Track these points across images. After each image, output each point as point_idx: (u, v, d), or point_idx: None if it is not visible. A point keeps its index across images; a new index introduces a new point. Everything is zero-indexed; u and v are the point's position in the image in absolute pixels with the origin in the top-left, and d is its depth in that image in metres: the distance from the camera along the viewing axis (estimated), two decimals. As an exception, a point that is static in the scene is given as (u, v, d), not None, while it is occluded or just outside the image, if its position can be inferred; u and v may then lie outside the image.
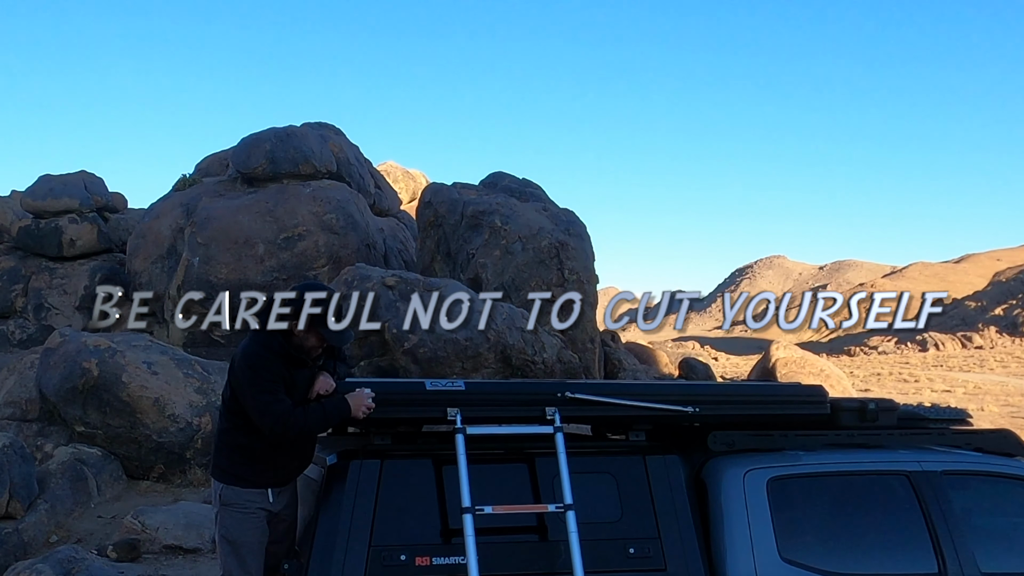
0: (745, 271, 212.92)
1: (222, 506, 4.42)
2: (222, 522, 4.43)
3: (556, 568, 3.89)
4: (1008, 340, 71.34)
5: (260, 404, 4.17)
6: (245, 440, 4.34)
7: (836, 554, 4.17)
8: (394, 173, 26.48)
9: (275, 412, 4.15)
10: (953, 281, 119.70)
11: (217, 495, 4.46)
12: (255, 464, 4.36)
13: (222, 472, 4.43)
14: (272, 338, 4.31)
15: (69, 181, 19.07)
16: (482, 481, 3.90)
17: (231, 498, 4.39)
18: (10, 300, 18.15)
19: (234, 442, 4.39)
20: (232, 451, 4.41)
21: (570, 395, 4.15)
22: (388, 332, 12.71)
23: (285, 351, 4.30)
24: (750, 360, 47.37)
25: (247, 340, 4.41)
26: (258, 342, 4.33)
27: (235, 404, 4.35)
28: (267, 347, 4.28)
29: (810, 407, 4.58)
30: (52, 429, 11.93)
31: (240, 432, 4.35)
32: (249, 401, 4.22)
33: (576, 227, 16.24)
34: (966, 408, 25.43)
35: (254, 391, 4.20)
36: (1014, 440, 4.74)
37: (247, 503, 4.38)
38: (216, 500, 4.47)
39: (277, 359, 4.26)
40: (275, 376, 4.21)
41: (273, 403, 4.16)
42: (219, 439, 4.54)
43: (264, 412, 4.17)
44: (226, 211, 16.53)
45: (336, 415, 4.11)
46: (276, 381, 4.21)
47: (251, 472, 4.37)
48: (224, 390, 4.49)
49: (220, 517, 4.44)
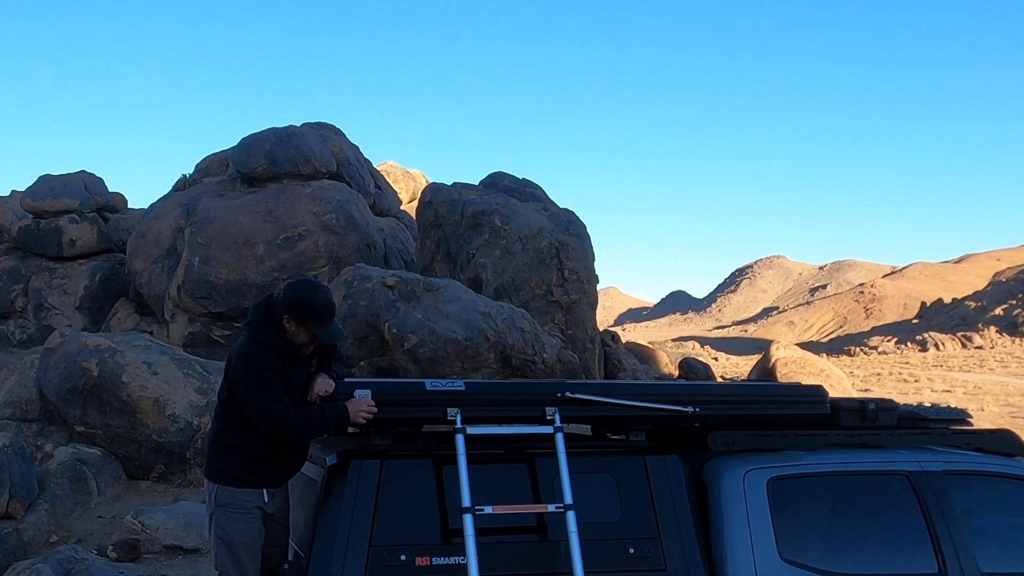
0: (745, 271, 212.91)
1: (218, 507, 4.37)
2: (218, 523, 4.37)
3: (556, 568, 3.89)
4: (1008, 340, 71.35)
5: (258, 403, 4.15)
6: (241, 440, 4.31)
7: (836, 554, 4.17)
8: (394, 173, 26.50)
9: (273, 412, 4.14)
10: (953, 281, 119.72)
11: (212, 496, 4.40)
12: (252, 464, 4.32)
13: (218, 473, 4.38)
14: (268, 334, 4.27)
15: (69, 181, 19.10)
16: (482, 481, 3.90)
17: (227, 499, 4.35)
18: (10, 300, 18.17)
19: (230, 442, 4.35)
20: (228, 451, 4.36)
21: (570, 395, 4.16)
22: (388, 332, 12.71)
23: (281, 347, 4.26)
24: (750, 360, 47.40)
25: (243, 338, 4.37)
26: (254, 339, 4.29)
27: (232, 403, 4.32)
28: (264, 344, 4.25)
29: (810, 407, 4.58)
30: (52, 429, 11.94)
31: (236, 432, 4.32)
32: (247, 399, 4.19)
33: (576, 227, 16.25)
34: (966, 408, 25.45)
35: (252, 389, 4.17)
36: (1014, 440, 4.74)
37: (243, 503, 4.34)
38: (211, 501, 4.41)
39: (274, 356, 4.22)
40: (273, 374, 4.18)
41: (271, 402, 4.14)
42: (214, 439, 4.47)
43: (262, 411, 4.15)
44: (226, 211, 16.54)
45: (335, 420, 4.09)
46: (274, 379, 4.18)
47: (247, 472, 4.32)
48: (220, 390, 4.45)
49: (216, 518, 4.38)
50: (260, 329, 4.30)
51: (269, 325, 4.30)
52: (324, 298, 4.34)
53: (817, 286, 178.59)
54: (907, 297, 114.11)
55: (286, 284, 4.42)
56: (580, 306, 15.42)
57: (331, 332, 4.35)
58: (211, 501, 4.41)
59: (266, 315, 4.33)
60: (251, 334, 4.32)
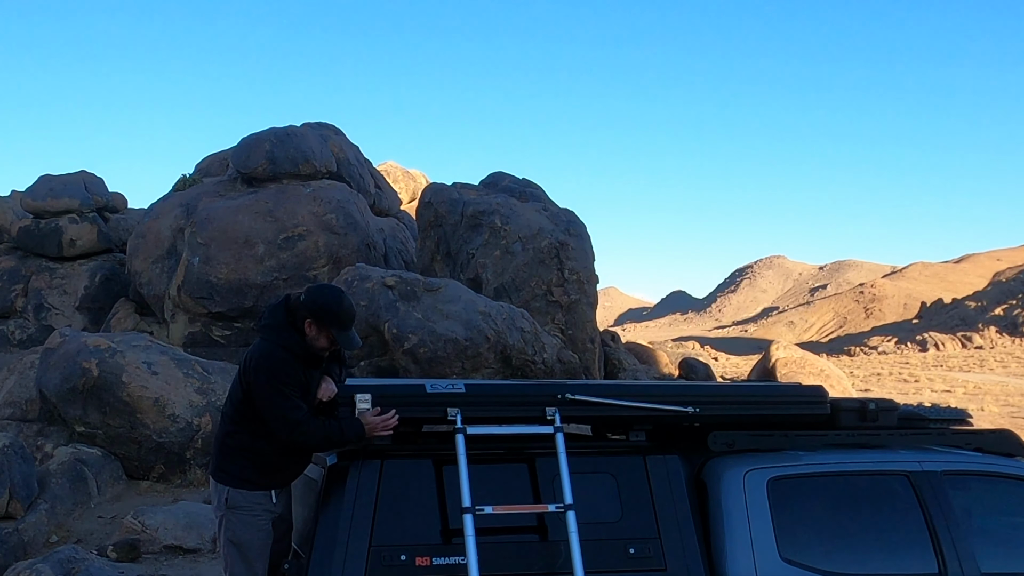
0: (745, 271, 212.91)
1: (228, 510, 4.34)
2: (228, 526, 4.35)
3: (556, 568, 3.89)
4: (1008, 340, 71.32)
5: (279, 409, 4.14)
6: (253, 444, 4.30)
7: (836, 554, 4.17)
8: (394, 173, 26.49)
9: (293, 420, 4.12)
10: (953, 281, 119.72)
11: (223, 499, 4.37)
12: (262, 468, 4.32)
13: (228, 476, 4.36)
14: (290, 337, 4.26)
15: (69, 181, 19.08)
16: (482, 481, 3.90)
17: (239, 501, 4.33)
18: (10, 300, 18.16)
19: (240, 445, 4.34)
20: (238, 454, 4.35)
21: (570, 396, 4.15)
22: (388, 332, 12.71)
23: (303, 351, 4.26)
24: (750, 360, 47.38)
25: (261, 340, 4.34)
26: (275, 342, 4.26)
27: (246, 407, 4.29)
28: (285, 347, 4.23)
29: (810, 407, 4.58)
30: (52, 429, 11.94)
31: (247, 435, 4.31)
32: (266, 404, 4.17)
33: (576, 227, 16.25)
34: (966, 408, 25.43)
35: (273, 395, 4.15)
36: (1014, 440, 4.74)
37: (254, 506, 4.33)
38: (220, 504, 4.39)
39: (295, 360, 4.21)
40: (294, 380, 4.18)
41: (292, 410, 4.13)
42: (224, 441, 4.45)
43: (283, 419, 4.13)
44: (226, 211, 16.53)
45: (352, 436, 4.04)
46: (295, 386, 4.17)
47: (257, 475, 4.32)
48: (233, 391, 4.42)
49: (226, 521, 4.36)
50: (280, 332, 4.28)
51: (290, 328, 4.28)
52: (349, 305, 4.40)
53: (817, 286, 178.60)
54: (907, 297, 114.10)
55: (308, 289, 4.44)
56: (580, 306, 15.41)
57: (351, 339, 4.37)
58: (221, 503, 4.39)
59: (285, 318, 4.31)
60: (271, 336, 4.29)
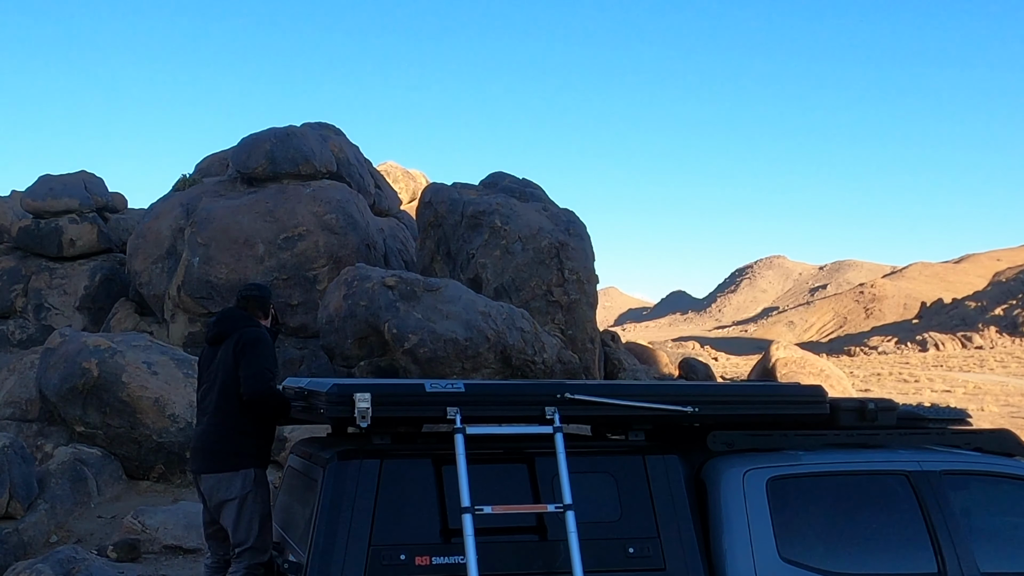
0: (745, 271, 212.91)
1: (255, 486, 4.89)
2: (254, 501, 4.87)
3: (556, 568, 3.89)
4: (1008, 340, 71.34)
5: (265, 363, 4.92)
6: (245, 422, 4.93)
7: (836, 554, 4.17)
8: (394, 173, 26.48)
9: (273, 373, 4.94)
10: (953, 281, 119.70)
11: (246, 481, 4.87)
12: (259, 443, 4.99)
13: (247, 458, 4.92)
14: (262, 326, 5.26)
15: (69, 181, 19.08)
16: (482, 481, 3.90)
17: (261, 478, 4.96)
18: (10, 300, 18.15)
19: (238, 427, 4.93)
20: (240, 437, 4.93)
21: (569, 395, 4.16)
22: (388, 332, 12.70)
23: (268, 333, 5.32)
24: (750, 360, 47.41)
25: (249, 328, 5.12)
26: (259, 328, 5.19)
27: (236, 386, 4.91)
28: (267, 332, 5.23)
29: (810, 407, 4.58)
30: (52, 429, 11.93)
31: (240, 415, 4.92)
32: (252, 361, 4.89)
33: (576, 227, 16.23)
34: (966, 408, 25.43)
35: (260, 359, 4.92)
36: (1014, 440, 4.74)
37: (265, 480, 5.01)
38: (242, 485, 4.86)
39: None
40: (275, 358, 5.09)
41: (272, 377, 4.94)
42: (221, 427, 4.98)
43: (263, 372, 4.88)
44: (226, 211, 16.52)
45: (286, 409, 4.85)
46: (275, 361, 5.08)
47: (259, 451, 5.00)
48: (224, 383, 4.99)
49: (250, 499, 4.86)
50: (253, 322, 5.23)
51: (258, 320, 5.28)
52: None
53: (817, 286, 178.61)
54: (907, 297, 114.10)
55: (246, 288, 5.48)
56: (580, 306, 15.41)
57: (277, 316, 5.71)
58: (242, 485, 4.88)
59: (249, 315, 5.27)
60: (252, 326, 5.17)
